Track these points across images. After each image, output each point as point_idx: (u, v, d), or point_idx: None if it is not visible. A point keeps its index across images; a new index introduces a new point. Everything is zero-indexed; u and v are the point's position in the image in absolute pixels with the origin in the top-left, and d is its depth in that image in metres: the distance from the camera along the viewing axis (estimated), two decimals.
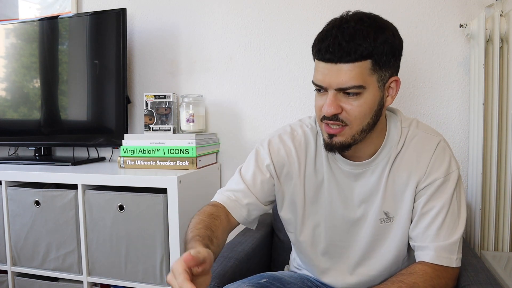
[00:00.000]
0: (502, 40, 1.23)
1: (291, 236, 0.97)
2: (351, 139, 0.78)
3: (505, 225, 1.23)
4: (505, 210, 1.23)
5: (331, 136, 0.78)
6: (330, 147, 0.80)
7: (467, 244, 1.10)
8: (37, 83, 1.66)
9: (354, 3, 1.43)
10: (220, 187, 1.63)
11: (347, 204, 0.88)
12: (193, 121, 1.51)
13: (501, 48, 1.23)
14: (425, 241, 0.80)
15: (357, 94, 0.73)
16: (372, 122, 0.78)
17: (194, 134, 1.39)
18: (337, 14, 0.81)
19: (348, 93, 0.74)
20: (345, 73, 0.72)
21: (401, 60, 1.45)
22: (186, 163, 1.38)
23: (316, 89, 0.79)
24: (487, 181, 1.26)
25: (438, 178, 0.80)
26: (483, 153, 1.25)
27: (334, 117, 0.75)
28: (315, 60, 0.77)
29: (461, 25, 1.29)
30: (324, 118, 0.77)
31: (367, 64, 0.72)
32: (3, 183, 1.41)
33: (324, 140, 0.82)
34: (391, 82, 0.79)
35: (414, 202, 0.83)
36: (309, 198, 0.90)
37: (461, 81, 1.35)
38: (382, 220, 0.85)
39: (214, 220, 0.81)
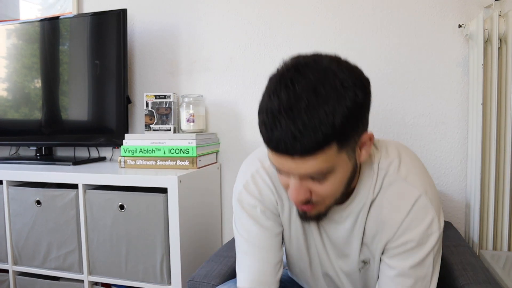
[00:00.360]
0: (500, 40, 1.23)
1: None
2: (325, 209, 0.70)
3: (504, 224, 1.24)
4: (504, 210, 1.23)
5: (304, 212, 0.71)
6: (306, 219, 0.73)
7: (466, 243, 1.11)
8: (38, 83, 1.67)
9: (353, 3, 1.43)
10: (220, 187, 1.65)
11: (328, 252, 0.81)
12: (193, 121, 1.51)
13: (499, 48, 1.23)
14: None
15: (325, 175, 0.62)
16: (345, 188, 0.68)
17: (194, 134, 1.40)
18: (337, 15, 0.78)
19: (316, 178, 0.63)
20: (306, 162, 0.59)
21: (401, 60, 1.47)
22: (186, 163, 1.39)
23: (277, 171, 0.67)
24: (486, 181, 1.26)
25: (411, 241, 0.69)
26: (482, 153, 1.25)
27: (304, 201, 0.66)
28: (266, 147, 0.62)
29: (460, 26, 1.29)
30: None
31: (331, 147, 0.59)
32: (4, 182, 1.41)
33: (297, 211, 0.74)
34: (363, 142, 0.65)
35: (385, 258, 0.74)
36: (296, 237, 0.83)
37: (460, 81, 1.36)
38: (361, 269, 0.80)
39: None
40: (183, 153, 1.40)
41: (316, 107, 0.56)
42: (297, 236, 0.82)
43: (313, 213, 0.70)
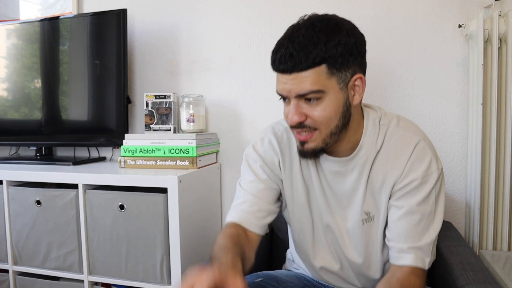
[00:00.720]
0: (500, 40, 1.23)
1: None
2: (322, 143, 0.78)
3: (504, 224, 1.24)
4: (504, 210, 1.23)
5: (302, 143, 0.79)
6: (303, 154, 0.81)
7: (466, 243, 1.11)
8: (38, 83, 1.67)
9: (353, 3, 1.43)
10: (220, 187, 1.65)
11: (330, 202, 0.89)
12: (193, 121, 1.51)
13: (499, 48, 1.23)
14: (400, 241, 0.79)
15: (317, 99, 0.74)
16: (341, 123, 0.77)
17: (194, 134, 1.40)
18: (336, 14, 0.81)
19: (309, 99, 0.74)
20: (301, 80, 0.72)
21: (401, 60, 1.47)
22: (186, 163, 1.39)
23: (280, 99, 0.80)
24: (486, 181, 1.26)
25: (415, 179, 0.79)
26: (482, 153, 1.25)
27: (301, 125, 0.77)
28: (274, 71, 0.78)
29: (460, 26, 1.29)
30: (292, 127, 0.78)
31: (322, 69, 0.72)
32: (4, 182, 1.41)
33: (297, 146, 0.82)
34: (355, 80, 0.76)
35: (391, 202, 0.82)
36: (297, 192, 0.91)
37: (460, 81, 1.36)
38: (364, 220, 0.85)
39: (238, 239, 0.80)
40: (183, 153, 1.40)
41: (312, 35, 0.71)
42: (299, 191, 0.90)
43: (310, 146, 0.78)
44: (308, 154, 0.80)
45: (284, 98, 0.78)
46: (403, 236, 0.79)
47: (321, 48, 0.71)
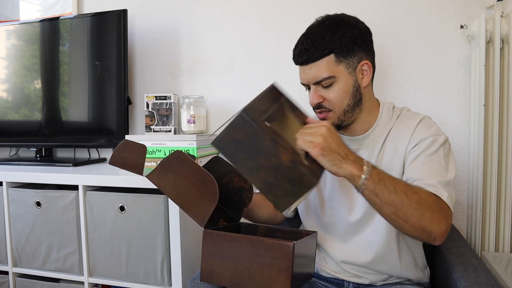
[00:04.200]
0: (502, 41, 1.23)
1: None
2: (337, 120, 0.92)
3: (506, 226, 1.23)
4: (506, 211, 1.23)
5: (322, 120, 0.93)
6: None
7: (468, 245, 1.10)
8: (38, 84, 1.66)
9: (354, 4, 1.43)
10: None
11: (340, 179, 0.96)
12: (194, 122, 1.51)
13: (501, 49, 1.23)
14: (415, 181, 0.84)
15: (330, 84, 0.89)
16: (352, 102, 0.91)
17: (195, 135, 1.39)
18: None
19: (324, 85, 0.89)
20: (315, 70, 0.89)
21: (402, 61, 1.46)
22: None
23: (306, 90, 0.96)
24: (488, 182, 1.26)
25: (425, 139, 0.88)
26: (484, 154, 1.25)
27: (320, 106, 0.92)
28: (295, 64, 0.95)
29: (461, 26, 1.29)
30: (314, 108, 0.94)
31: (330, 58, 0.88)
32: (4, 184, 1.41)
33: None
34: (362, 65, 0.91)
35: (403, 166, 0.91)
36: None
37: (461, 82, 1.35)
38: None
39: None
40: None
41: (321, 31, 0.89)
42: None
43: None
44: None
45: (306, 87, 0.95)
46: (418, 176, 0.84)
47: (328, 41, 0.87)
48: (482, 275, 0.89)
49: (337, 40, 0.87)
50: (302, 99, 1.51)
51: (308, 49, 0.88)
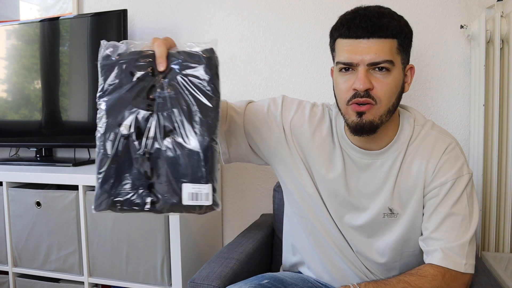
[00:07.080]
0: (502, 41, 1.23)
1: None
2: (378, 119, 0.77)
3: (506, 226, 1.23)
4: (506, 211, 1.23)
5: (360, 114, 0.76)
6: (360, 126, 0.77)
7: None
8: (38, 85, 1.66)
9: (354, 4, 1.43)
10: (221, 188, 1.64)
11: (350, 190, 0.87)
12: None
13: (501, 49, 1.23)
14: (433, 243, 0.79)
15: (387, 70, 0.75)
16: (396, 103, 0.79)
17: None
18: (337, 15, 0.83)
19: (380, 69, 0.75)
20: (377, 47, 0.73)
21: None
22: None
23: (341, 70, 0.78)
24: (488, 182, 1.26)
25: (448, 181, 0.80)
26: (484, 154, 1.25)
27: (366, 93, 0.75)
28: (341, 39, 0.77)
29: (461, 26, 1.29)
30: (353, 97, 0.76)
31: (394, 42, 0.75)
32: (4, 184, 1.41)
33: (351, 122, 0.79)
34: (407, 70, 0.81)
35: (424, 204, 0.83)
36: (315, 168, 0.89)
37: (461, 82, 1.35)
38: (385, 214, 0.85)
39: None
40: None
41: (389, 12, 0.77)
42: (320, 163, 0.88)
43: (368, 117, 0.76)
44: (366, 126, 0.77)
45: (347, 68, 0.77)
46: (437, 237, 0.79)
47: (397, 23, 0.76)
48: (482, 275, 0.89)
49: (404, 28, 0.77)
50: (304, 98, 1.51)
51: (374, 21, 0.73)
